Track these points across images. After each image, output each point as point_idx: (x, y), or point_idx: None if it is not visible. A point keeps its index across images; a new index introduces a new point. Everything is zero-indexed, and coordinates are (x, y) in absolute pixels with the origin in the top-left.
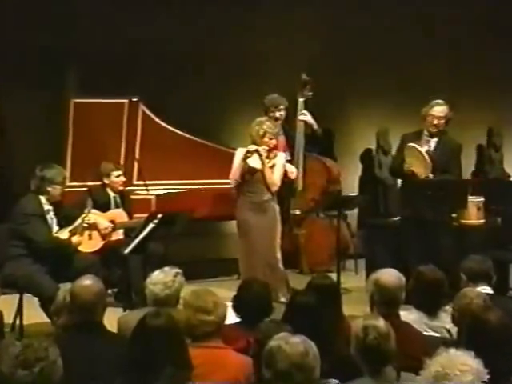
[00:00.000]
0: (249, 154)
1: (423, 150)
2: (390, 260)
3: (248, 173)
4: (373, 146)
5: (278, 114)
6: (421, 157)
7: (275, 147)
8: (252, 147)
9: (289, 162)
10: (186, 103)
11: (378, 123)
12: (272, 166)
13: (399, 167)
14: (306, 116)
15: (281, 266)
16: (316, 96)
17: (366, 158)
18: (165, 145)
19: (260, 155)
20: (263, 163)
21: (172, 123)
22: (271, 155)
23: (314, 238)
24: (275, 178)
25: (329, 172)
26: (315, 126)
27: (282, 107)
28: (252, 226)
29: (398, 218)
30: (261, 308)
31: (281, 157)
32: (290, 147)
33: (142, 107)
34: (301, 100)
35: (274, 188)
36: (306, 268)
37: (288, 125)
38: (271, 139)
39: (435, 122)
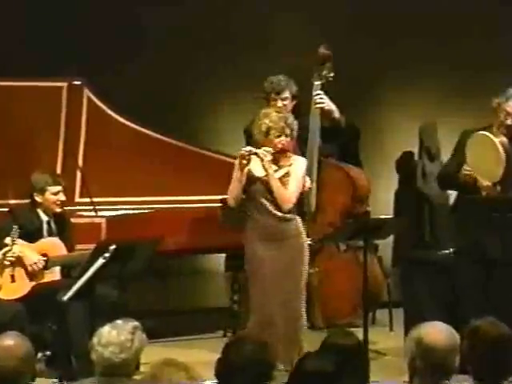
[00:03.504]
0: (244, 161)
1: (497, 140)
2: (439, 310)
3: (247, 184)
4: (415, 149)
5: (280, 104)
6: (493, 154)
7: (284, 149)
8: (248, 149)
9: None
10: (150, 89)
11: (421, 116)
12: (285, 176)
13: (454, 173)
14: (322, 100)
15: (304, 324)
16: (336, 79)
17: (405, 164)
18: (120, 147)
19: (261, 160)
20: (266, 170)
21: (130, 116)
22: (283, 160)
23: (332, 278)
24: (288, 192)
25: (354, 185)
26: (336, 114)
27: (285, 95)
28: (262, 262)
29: (450, 250)
30: (256, 377)
31: (300, 162)
32: (301, 148)
33: (88, 93)
34: (317, 83)
35: (286, 206)
36: (321, 321)
37: (300, 116)
38: (279, 136)
39: (509, 121)
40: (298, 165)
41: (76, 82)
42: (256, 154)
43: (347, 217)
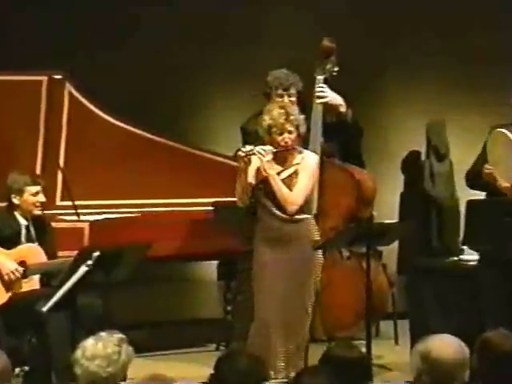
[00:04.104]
0: (243, 163)
1: None
2: (448, 322)
3: (248, 186)
4: (422, 148)
5: (286, 100)
6: (508, 152)
7: (287, 147)
8: (245, 149)
9: None
10: (138, 86)
11: (428, 113)
12: (293, 175)
13: (479, 172)
14: (324, 94)
15: (307, 335)
16: (335, 78)
17: (412, 165)
18: (105, 146)
19: (260, 160)
20: (265, 171)
21: (116, 113)
22: (291, 158)
23: (333, 287)
24: (292, 194)
25: (359, 187)
26: (343, 108)
27: (293, 91)
28: (264, 265)
29: (460, 256)
30: None
31: (309, 159)
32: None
33: (70, 88)
34: (319, 77)
35: (290, 208)
36: (321, 333)
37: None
38: (281, 134)
39: None
40: (307, 162)
41: (57, 76)
42: (254, 154)
43: (351, 221)
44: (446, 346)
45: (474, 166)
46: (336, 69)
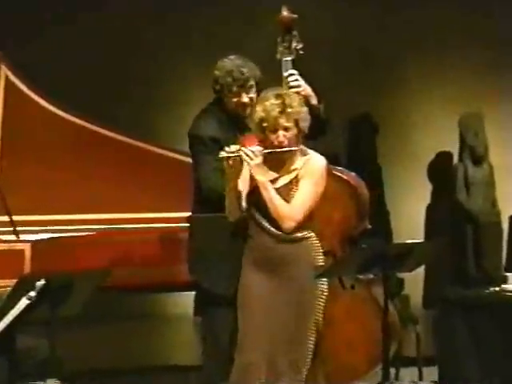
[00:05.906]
0: (228, 168)
1: None
2: (486, 368)
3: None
4: (454, 149)
5: (245, 99)
6: None
7: (282, 146)
8: (230, 150)
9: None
10: (96, 72)
11: (461, 105)
12: (293, 183)
13: None
14: (298, 82)
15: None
16: (345, 63)
17: (441, 170)
18: (51, 146)
19: (247, 161)
20: (253, 177)
21: (67, 105)
22: (290, 161)
23: (338, 325)
24: (289, 207)
25: (358, 196)
26: (314, 100)
27: (251, 83)
28: (254, 298)
29: (502, 286)
30: None
31: (313, 163)
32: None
33: (6, 71)
34: (287, 59)
35: (286, 224)
36: (323, 379)
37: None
38: (275, 131)
39: None
40: (311, 167)
41: None
42: (239, 155)
43: (349, 240)
44: None
45: None
46: (301, 45)
